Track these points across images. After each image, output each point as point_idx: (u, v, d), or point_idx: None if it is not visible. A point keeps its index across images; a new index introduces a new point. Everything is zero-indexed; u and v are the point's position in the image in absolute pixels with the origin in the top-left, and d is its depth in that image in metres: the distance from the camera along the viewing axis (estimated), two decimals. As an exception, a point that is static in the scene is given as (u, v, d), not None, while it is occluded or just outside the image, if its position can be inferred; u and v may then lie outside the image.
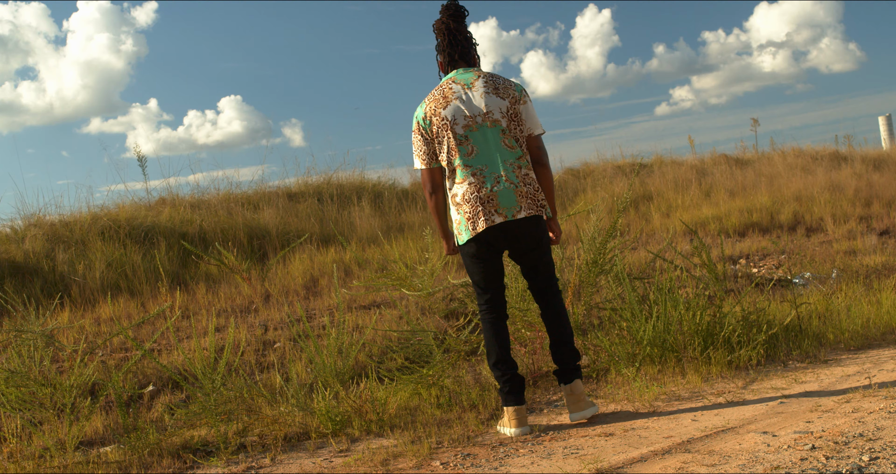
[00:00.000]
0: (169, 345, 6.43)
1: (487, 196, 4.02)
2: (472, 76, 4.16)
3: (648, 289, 5.43)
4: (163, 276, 8.61)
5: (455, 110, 4.07)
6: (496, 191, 4.02)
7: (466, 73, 4.18)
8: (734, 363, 4.82)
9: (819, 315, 5.71)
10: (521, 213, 4.02)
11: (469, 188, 4.05)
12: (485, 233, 4.04)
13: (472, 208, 4.03)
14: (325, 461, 3.98)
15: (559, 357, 4.13)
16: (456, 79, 4.17)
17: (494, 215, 4.01)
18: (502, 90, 4.12)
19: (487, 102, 4.07)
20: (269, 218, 10.78)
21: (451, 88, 4.13)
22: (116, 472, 4.10)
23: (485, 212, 4.00)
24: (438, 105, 4.11)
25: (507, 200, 4.02)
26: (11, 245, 9.26)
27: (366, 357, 5.55)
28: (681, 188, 13.38)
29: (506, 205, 4.02)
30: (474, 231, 4.03)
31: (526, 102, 4.16)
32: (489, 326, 4.19)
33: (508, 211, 4.02)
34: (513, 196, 4.02)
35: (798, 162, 15.27)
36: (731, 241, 9.90)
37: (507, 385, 4.10)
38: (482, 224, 4.00)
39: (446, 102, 4.10)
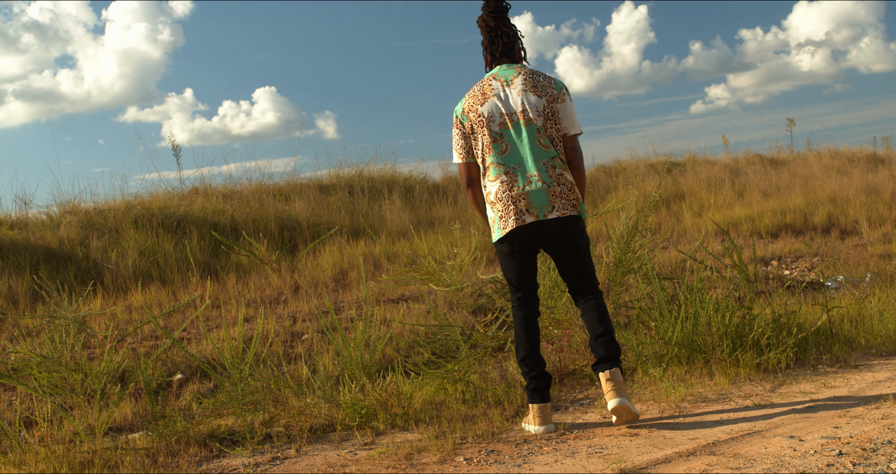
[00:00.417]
0: (198, 334, 6.50)
1: (519, 195, 3.99)
2: (513, 73, 4.14)
3: (678, 289, 5.39)
4: (193, 266, 8.69)
5: (492, 107, 4.06)
6: (528, 190, 3.99)
7: (508, 69, 4.16)
8: (763, 366, 4.79)
9: (851, 319, 5.65)
10: (552, 213, 3.98)
11: (501, 187, 4.03)
12: (515, 233, 4.02)
13: (503, 207, 4.01)
14: (350, 453, 4.00)
15: (600, 348, 4.00)
16: (497, 75, 4.15)
17: (525, 215, 3.98)
18: (541, 88, 4.08)
19: (524, 100, 4.04)
20: (301, 209, 10.84)
21: (491, 85, 4.12)
22: (144, 459, 4.15)
23: (516, 212, 3.98)
24: (476, 101, 4.10)
25: (539, 200, 3.98)
26: (47, 231, 9.38)
27: (393, 350, 5.57)
28: (713, 188, 13.27)
29: (537, 205, 3.98)
30: (504, 230, 4.01)
31: (564, 101, 4.11)
32: (520, 322, 4.18)
33: (540, 211, 3.98)
34: (544, 196, 3.98)
35: (834, 163, 15.09)
36: (763, 243, 9.81)
37: (534, 382, 4.08)
38: (512, 223, 3.98)
39: (484, 99, 4.09)
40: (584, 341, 5.26)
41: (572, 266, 4.14)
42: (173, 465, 4.09)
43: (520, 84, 4.08)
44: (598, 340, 4.02)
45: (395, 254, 8.70)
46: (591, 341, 4.07)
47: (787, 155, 17.19)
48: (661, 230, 10.52)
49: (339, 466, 3.82)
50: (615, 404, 3.86)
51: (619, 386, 3.89)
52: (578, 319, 5.32)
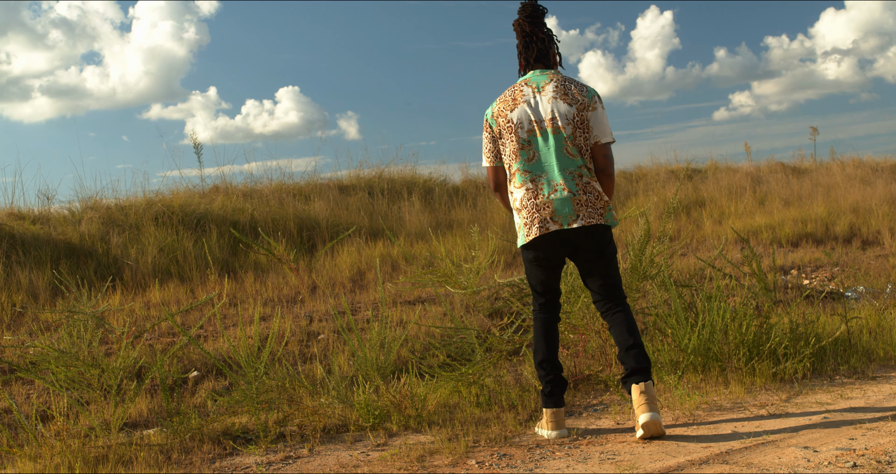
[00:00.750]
0: (215, 332, 6.53)
1: (544, 203, 3.95)
2: (545, 79, 4.08)
3: (695, 297, 5.37)
4: (211, 264, 8.73)
5: (521, 114, 4.02)
6: (552, 198, 3.94)
7: (541, 75, 4.11)
8: (779, 375, 4.76)
9: (870, 330, 5.60)
10: (577, 222, 3.92)
11: (526, 194, 4.00)
12: (539, 241, 3.99)
13: (528, 214, 3.98)
14: (362, 454, 4.00)
15: (631, 360, 3.90)
16: (529, 81, 4.11)
17: (549, 223, 3.94)
18: (571, 96, 4.01)
19: (554, 108, 3.99)
20: (320, 209, 10.87)
21: (522, 91, 4.08)
22: (157, 455, 4.17)
23: (540, 220, 3.94)
24: (506, 106, 4.07)
25: (564, 209, 3.94)
26: (68, 226, 9.46)
27: (408, 352, 5.57)
28: (734, 195, 13.21)
29: (561, 214, 3.93)
30: (528, 237, 3.99)
31: (595, 109, 4.03)
32: (540, 325, 4.16)
33: (564, 219, 3.93)
34: (569, 204, 3.93)
35: (857, 173, 14.98)
36: (783, 251, 9.75)
37: (549, 386, 4.06)
38: (535, 231, 3.95)
39: (514, 105, 4.05)
40: (600, 347, 5.25)
41: (597, 275, 4.06)
42: (187, 462, 4.11)
43: (551, 91, 4.03)
44: (629, 352, 3.92)
45: (413, 256, 8.71)
46: (620, 354, 3.96)
47: (810, 163, 17.08)
48: (681, 237, 10.47)
49: (350, 467, 3.82)
50: (647, 418, 3.77)
51: (652, 401, 3.80)
52: (594, 324, 5.31)
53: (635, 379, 3.86)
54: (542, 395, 4.09)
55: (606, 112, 4.09)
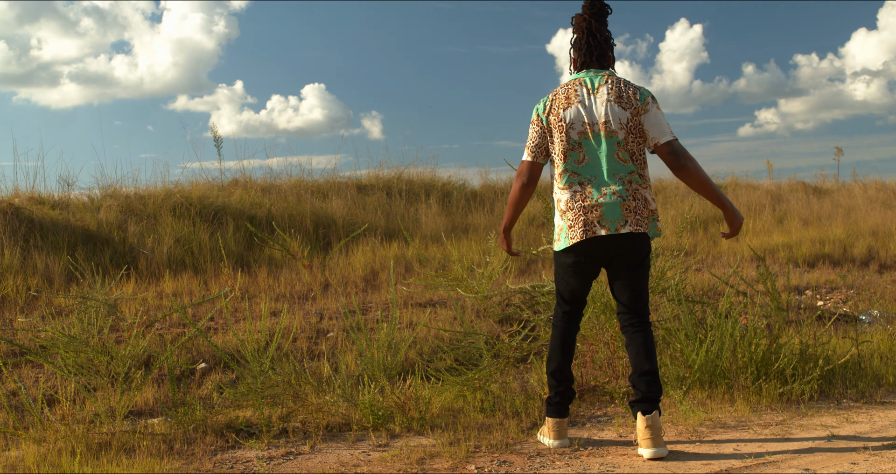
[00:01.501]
0: (226, 325, 6.55)
1: (592, 206, 3.84)
2: (601, 80, 3.96)
3: (706, 313, 5.35)
4: (226, 257, 8.77)
5: (575, 114, 3.90)
6: (601, 202, 3.83)
7: (596, 76, 3.98)
8: (786, 396, 4.73)
9: (881, 355, 5.56)
10: (625, 228, 3.82)
11: (574, 196, 3.88)
12: (584, 245, 3.86)
13: (574, 217, 3.86)
14: (363, 454, 4.01)
15: (643, 386, 3.84)
16: (584, 81, 3.97)
17: (597, 227, 3.82)
18: (626, 100, 3.89)
19: (608, 111, 3.88)
20: (337, 208, 10.90)
21: (577, 90, 3.95)
22: (160, 444, 4.19)
23: (587, 223, 3.82)
24: (560, 105, 3.94)
25: (613, 213, 3.83)
26: (87, 213, 9.53)
27: (416, 354, 5.58)
28: (754, 212, 13.15)
29: (609, 218, 3.82)
30: (571, 240, 3.86)
31: (649, 110, 3.90)
32: (559, 334, 4.07)
33: (612, 224, 3.82)
34: (619, 209, 3.83)
35: (879, 196, 14.88)
36: (799, 271, 9.70)
37: (558, 396, 4.02)
38: (581, 234, 3.83)
39: (568, 104, 3.93)
40: (608, 358, 5.23)
41: (629, 287, 3.96)
42: (188, 453, 4.13)
43: (605, 93, 3.91)
44: (642, 378, 3.85)
45: (428, 259, 8.72)
46: (633, 376, 3.89)
47: (832, 184, 16.98)
48: (696, 252, 10.43)
49: (351, 466, 3.83)
50: (650, 454, 3.74)
51: (657, 435, 3.76)
52: (604, 335, 5.30)
53: (644, 408, 3.80)
54: (548, 404, 4.05)
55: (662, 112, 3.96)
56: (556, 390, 4.03)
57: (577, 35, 4.08)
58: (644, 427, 3.76)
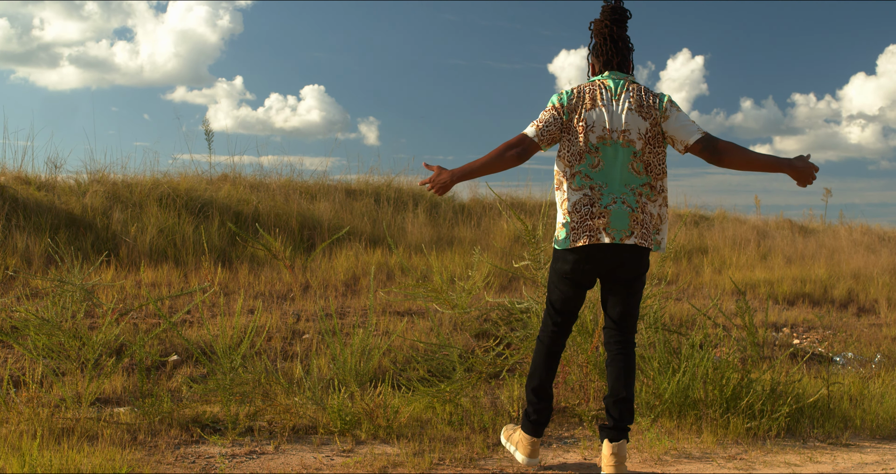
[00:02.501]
0: (202, 319, 6.53)
1: (601, 212, 3.75)
2: (623, 87, 3.90)
3: (682, 342, 5.36)
4: (208, 251, 8.74)
5: (597, 117, 3.81)
6: (611, 209, 3.75)
7: (618, 81, 3.91)
8: (752, 431, 4.74)
9: (851, 397, 5.58)
10: (630, 239, 3.75)
11: (583, 199, 3.78)
12: (586, 250, 3.77)
13: (580, 219, 3.76)
14: (327, 458, 4.00)
15: (616, 413, 3.82)
16: (607, 84, 3.90)
17: (602, 234, 3.74)
18: (646, 109, 3.84)
19: (628, 120, 3.82)
20: (324, 210, 10.89)
21: (601, 93, 3.86)
22: (124, 434, 4.17)
23: (592, 228, 3.74)
24: (582, 105, 3.84)
25: (620, 222, 3.75)
26: (73, 197, 9.48)
27: (389, 362, 5.57)
28: (738, 246, 13.20)
29: (616, 227, 3.74)
30: (573, 243, 3.77)
31: (669, 116, 3.86)
32: (544, 350, 3.97)
33: (618, 233, 3.74)
34: (626, 219, 3.76)
35: (864, 239, 14.96)
36: (778, 308, 9.73)
37: (537, 414, 3.93)
38: (584, 239, 3.74)
39: (592, 105, 3.83)
40: (580, 380, 5.23)
41: (622, 302, 3.90)
42: (151, 444, 4.11)
43: (628, 101, 3.85)
44: (618, 405, 3.82)
45: (410, 268, 8.71)
46: (609, 399, 3.86)
47: (819, 224, 17.06)
48: (679, 281, 10.46)
49: (313, 469, 3.82)
50: None
51: (621, 462, 3.74)
52: (577, 358, 5.30)
53: (612, 436, 3.78)
54: (527, 421, 3.95)
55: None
56: (536, 407, 3.94)
57: (597, 40, 4.01)
58: (609, 453, 3.74)
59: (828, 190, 18.15)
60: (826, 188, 18.27)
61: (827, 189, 18.16)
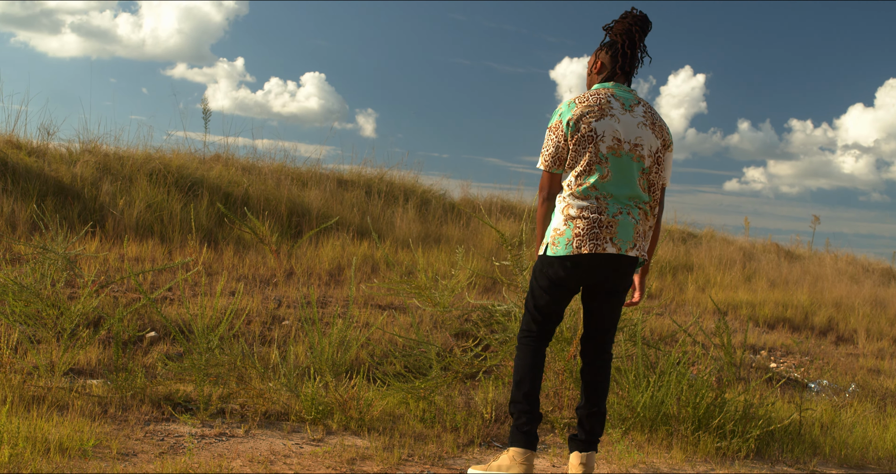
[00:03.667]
0: (183, 297, 6.51)
1: (608, 221, 3.63)
2: (633, 99, 3.80)
3: (659, 357, 5.36)
4: (195, 230, 8.70)
5: (607, 127, 3.68)
6: (618, 219, 3.65)
7: (627, 92, 3.81)
8: (722, 451, 4.75)
9: (822, 425, 5.60)
10: (632, 251, 3.67)
11: (591, 206, 3.64)
12: (588, 258, 3.63)
13: (585, 227, 3.62)
14: (296, 445, 3.98)
15: (588, 425, 3.77)
16: (615, 94, 3.77)
17: (607, 243, 3.61)
18: (658, 129, 3.79)
19: (641, 134, 3.74)
20: (314, 198, 10.86)
21: (610, 102, 3.73)
22: (94, 406, 4.14)
23: (598, 237, 3.61)
24: (592, 114, 3.69)
25: (626, 233, 3.65)
26: (63, 165, 9.43)
27: (366, 355, 5.56)
28: (724, 267, 13.24)
29: (622, 237, 3.64)
30: (575, 250, 3.61)
31: (670, 150, 3.85)
32: (530, 353, 3.80)
33: (623, 244, 3.64)
34: (631, 231, 3.67)
35: (848, 269, 15.04)
36: (758, 331, 9.77)
37: (530, 423, 3.73)
38: (589, 247, 3.60)
39: (601, 114, 3.69)
40: (554, 387, 5.23)
41: (607, 315, 3.84)
42: (122, 419, 4.09)
43: (640, 115, 3.77)
44: (590, 417, 3.77)
45: (396, 263, 8.70)
46: (582, 411, 3.81)
47: (805, 251, 17.14)
48: (662, 296, 10.49)
49: (281, 455, 3.81)
50: None
51: (590, 472, 3.71)
52: (554, 364, 5.30)
53: (581, 447, 3.75)
54: (518, 432, 3.73)
55: None
56: (529, 415, 3.73)
57: (617, 41, 3.84)
58: (578, 463, 3.71)
59: (816, 217, 18.25)
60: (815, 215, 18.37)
61: (816, 216, 18.26)
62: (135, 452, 3.68)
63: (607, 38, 3.88)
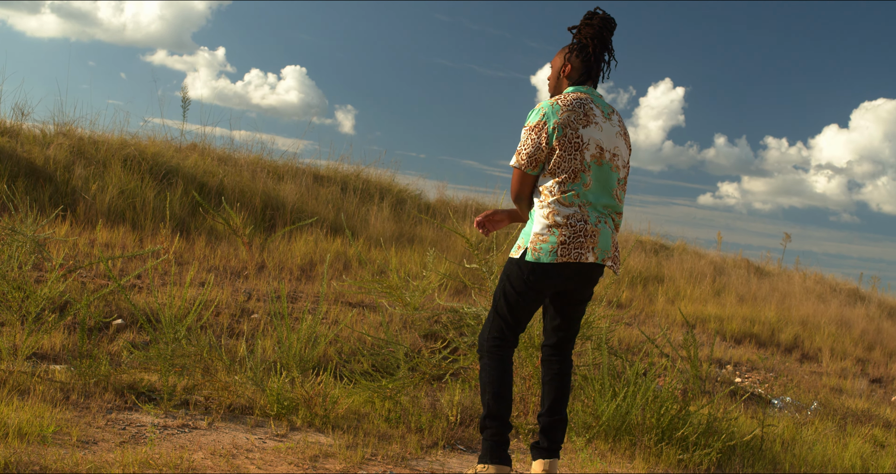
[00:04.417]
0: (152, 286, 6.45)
1: (592, 230, 3.58)
2: (608, 108, 3.76)
3: (626, 367, 5.38)
4: (168, 218, 8.63)
5: (592, 134, 3.62)
6: (599, 228, 3.61)
7: (601, 100, 3.76)
8: (684, 463, 4.77)
9: (784, 441, 5.64)
10: (609, 261, 3.65)
11: (574, 215, 3.57)
12: (570, 267, 3.59)
13: (572, 235, 3.55)
14: (259, 440, 3.96)
15: (551, 432, 3.74)
16: (594, 100, 3.71)
17: (589, 253, 3.57)
18: (628, 139, 3.81)
19: (619, 144, 3.73)
20: (289, 192, 10.81)
21: (593, 110, 3.67)
22: (56, 392, 4.09)
23: (582, 246, 3.56)
24: (579, 121, 3.61)
25: (605, 242, 3.63)
26: (36, 147, 9.32)
27: (334, 352, 5.53)
28: (694, 280, 13.33)
29: (602, 247, 3.61)
30: (559, 257, 3.54)
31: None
32: (505, 361, 3.71)
33: (601, 253, 3.61)
34: (609, 240, 3.65)
35: (816, 288, 15.18)
36: (725, 345, 9.83)
37: (505, 440, 3.65)
38: (573, 256, 3.55)
39: (587, 122, 3.63)
40: (521, 393, 5.24)
41: (575, 321, 3.82)
42: (84, 406, 4.04)
43: (617, 124, 3.75)
44: (555, 425, 3.75)
45: (368, 261, 8.68)
46: (544, 418, 3.77)
47: (775, 268, 17.28)
48: (631, 306, 10.54)
49: (244, 449, 3.78)
50: None
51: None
52: (522, 370, 5.30)
53: (544, 454, 3.72)
54: (500, 448, 3.63)
55: None
56: (505, 430, 3.66)
57: (587, 44, 3.75)
58: (542, 469, 3.70)
59: (788, 235, 18.42)
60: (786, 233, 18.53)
61: (787, 234, 18.43)
62: (95, 440, 3.63)
63: (575, 40, 3.79)
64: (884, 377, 10.04)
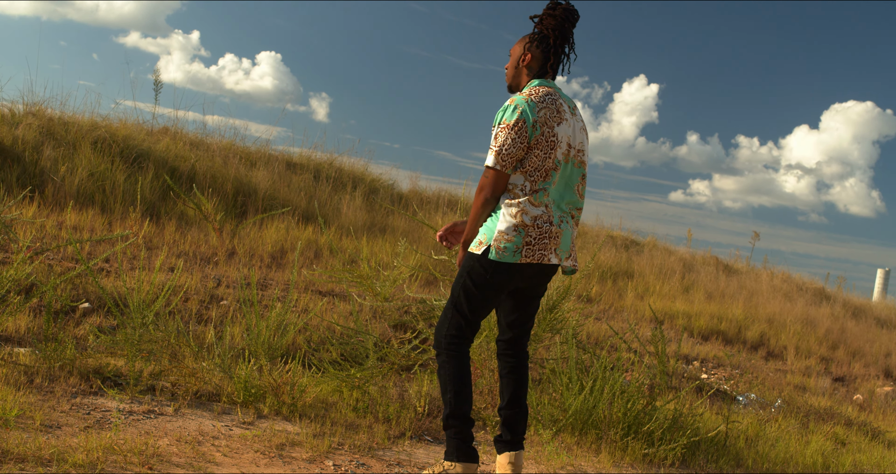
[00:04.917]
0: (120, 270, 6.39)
1: (556, 232, 3.56)
2: (571, 102, 3.71)
3: (594, 362, 5.41)
4: (138, 202, 8.55)
5: (564, 132, 3.59)
6: (562, 229, 3.59)
7: (563, 93, 3.70)
8: (649, 457, 4.81)
9: (747, 438, 5.70)
10: (568, 260, 3.66)
11: (543, 215, 3.54)
12: (533, 267, 3.57)
13: (537, 235, 3.52)
14: (226, 427, 3.94)
15: (513, 424, 3.73)
16: (561, 96, 3.66)
17: (551, 254, 3.56)
18: (587, 134, 3.78)
19: (582, 139, 3.71)
20: (262, 179, 10.74)
21: (562, 105, 3.61)
22: (20, 375, 4.05)
23: (546, 248, 3.54)
24: (553, 118, 3.56)
25: (566, 243, 3.62)
26: (4, 126, 9.19)
27: (303, 341, 5.51)
28: (663, 276, 13.41)
29: (563, 248, 3.61)
30: (524, 258, 3.51)
31: None
32: (464, 358, 3.66)
33: (563, 254, 3.62)
34: (569, 240, 3.64)
35: (783, 286, 15.33)
36: (692, 342, 9.91)
37: (470, 436, 3.65)
38: (537, 257, 3.53)
39: (560, 119, 3.58)
40: (489, 385, 5.25)
41: (527, 317, 3.80)
42: (48, 390, 4.00)
43: (580, 119, 3.73)
44: (517, 417, 3.74)
45: (339, 250, 8.65)
46: (506, 411, 3.75)
47: (743, 266, 17.42)
48: (601, 301, 10.59)
49: (210, 436, 3.76)
50: None
51: (519, 471, 3.69)
52: (491, 362, 5.31)
53: (509, 447, 3.71)
54: (466, 446, 3.62)
55: None
56: (469, 428, 3.65)
57: (549, 36, 3.69)
58: (507, 462, 3.69)
59: (757, 233, 18.56)
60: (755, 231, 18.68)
61: (756, 232, 18.57)
62: (59, 425, 3.60)
63: (537, 30, 3.73)
64: (846, 376, 10.17)
